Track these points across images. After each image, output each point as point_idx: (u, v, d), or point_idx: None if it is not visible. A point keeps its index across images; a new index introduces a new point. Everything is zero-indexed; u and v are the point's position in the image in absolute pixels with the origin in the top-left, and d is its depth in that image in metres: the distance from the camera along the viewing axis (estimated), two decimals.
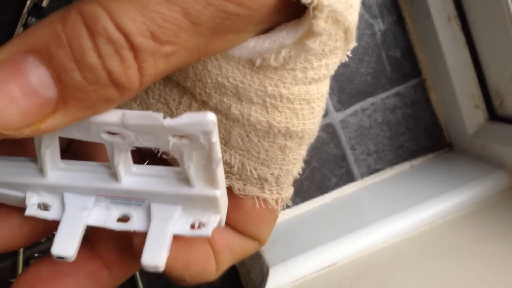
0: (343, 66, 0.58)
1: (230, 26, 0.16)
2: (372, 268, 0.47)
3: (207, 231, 0.19)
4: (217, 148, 0.17)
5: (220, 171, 0.18)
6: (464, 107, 0.57)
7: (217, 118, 0.19)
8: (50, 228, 0.21)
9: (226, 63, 0.18)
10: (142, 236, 0.19)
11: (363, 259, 0.48)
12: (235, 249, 0.22)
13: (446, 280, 0.43)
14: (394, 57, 0.59)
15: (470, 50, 0.55)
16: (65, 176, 0.19)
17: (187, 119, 0.16)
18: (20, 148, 0.21)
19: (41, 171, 0.19)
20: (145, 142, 0.17)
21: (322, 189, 0.60)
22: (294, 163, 0.21)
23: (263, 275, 0.49)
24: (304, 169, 0.58)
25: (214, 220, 0.19)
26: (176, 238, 0.19)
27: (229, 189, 0.21)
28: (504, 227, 0.45)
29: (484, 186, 0.51)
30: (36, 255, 0.55)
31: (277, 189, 0.21)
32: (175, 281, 0.21)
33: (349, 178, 0.60)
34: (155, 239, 0.19)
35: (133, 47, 0.15)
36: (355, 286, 0.45)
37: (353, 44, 0.20)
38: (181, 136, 0.16)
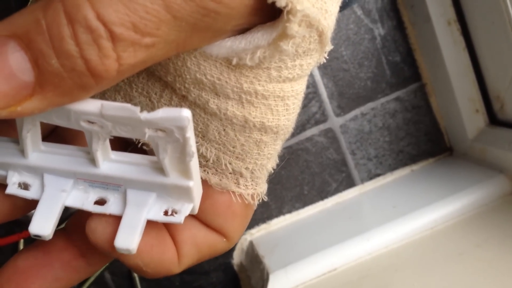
0: (343, 70, 0.58)
1: (209, 24, 0.17)
2: (372, 274, 0.47)
3: (180, 218, 0.20)
4: (191, 142, 0.18)
5: (194, 163, 0.19)
6: (464, 112, 0.57)
7: (196, 112, 0.20)
8: (31, 206, 0.21)
9: (204, 61, 0.19)
10: (99, 219, 0.20)
11: (363, 264, 0.48)
12: (199, 242, 0.22)
13: (447, 285, 0.42)
14: (394, 61, 0.59)
15: (470, 54, 0.55)
16: (45, 158, 0.20)
17: (163, 114, 0.16)
18: (8, 126, 0.22)
19: (23, 152, 0.20)
20: (122, 132, 0.17)
21: (322, 194, 0.60)
22: (269, 158, 0.22)
23: (263, 281, 0.49)
24: (304, 174, 0.58)
25: (187, 208, 0.20)
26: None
27: (203, 181, 0.21)
28: (505, 231, 0.45)
29: (485, 191, 0.51)
30: None
31: (252, 184, 0.22)
32: (134, 271, 0.21)
33: (349, 183, 0.60)
34: (129, 223, 0.20)
35: (113, 37, 0.15)
36: None
37: (329, 46, 0.20)
38: (157, 129, 0.17)
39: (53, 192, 0.20)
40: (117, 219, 0.20)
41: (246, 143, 0.21)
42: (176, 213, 0.20)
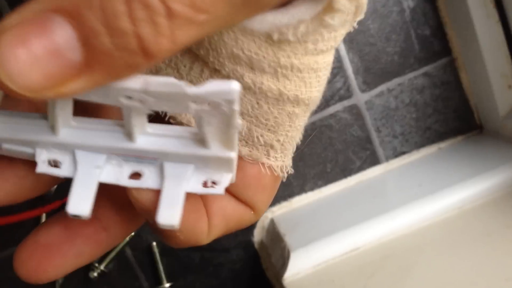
0: (369, 45, 0.56)
1: None
2: (396, 254, 0.46)
3: (220, 189, 0.20)
4: (237, 114, 0.17)
5: (237, 134, 0.19)
6: (496, 88, 0.55)
7: None
8: (53, 181, 0.21)
9: (242, 35, 0.19)
10: (148, 194, 0.20)
11: (387, 244, 0.48)
12: (228, 214, 0.22)
13: (474, 266, 0.42)
14: (423, 35, 0.57)
15: (503, 27, 0.54)
16: (76, 134, 0.19)
17: (211, 87, 0.16)
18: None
19: (52, 128, 0.19)
20: (164, 107, 0.17)
21: (346, 172, 0.59)
22: (298, 129, 0.22)
23: (284, 259, 0.49)
24: (327, 152, 0.57)
25: (226, 178, 0.20)
26: None
27: None
28: None
29: None
30: None
31: (281, 155, 0.22)
32: (166, 237, 0.21)
33: (373, 161, 0.59)
34: (170, 198, 0.19)
35: (170, 14, 0.14)
36: (378, 272, 0.45)
37: (361, 17, 0.20)
38: (203, 103, 0.17)
39: (87, 170, 0.19)
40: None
41: (279, 116, 0.21)
42: (215, 184, 0.20)
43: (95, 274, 0.56)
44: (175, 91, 0.16)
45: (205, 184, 0.20)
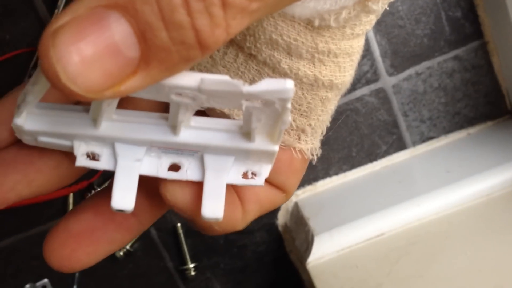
0: (398, 27, 0.55)
1: None
2: (421, 240, 0.46)
3: (260, 180, 0.20)
4: (289, 112, 0.17)
5: (283, 129, 0.19)
6: None
7: (264, 71, 0.20)
8: (84, 168, 0.21)
9: (282, 21, 0.19)
10: (182, 194, 0.20)
11: (412, 230, 0.48)
12: (262, 199, 0.22)
13: (502, 255, 0.41)
14: (454, 17, 0.56)
15: None
16: (117, 127, 0.19)
17: (267, 86, 0.16)
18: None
19: (94, 122, 0.19)
20: (215, 104, 0.17)
21: (371, 157, 0.58)
22: (329, 113, 0.23)
23: (308, 243, 0.49)
24: (353, 136, 0.56)
25: (266, 169, 0.20)
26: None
27: None
28: None
29: None
30: None
31: (311, 138, 0.22)
32: (203, 229, 0.21)
33: (400, 145, 0.59)
34: (213, 191, 0.19)
35: (224, 4, 0.14)
36: (403, 258, 0.44)
37: None
38: (256, 100, 0.17)
39: (127, 163, 0.19)
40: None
41: (312, 101, 0.21)
42: (255, 175, 0.20)
43: (121, 253, 0.57)
44: (230, 89, 0.16)
45: (245, 175, 0.20)
